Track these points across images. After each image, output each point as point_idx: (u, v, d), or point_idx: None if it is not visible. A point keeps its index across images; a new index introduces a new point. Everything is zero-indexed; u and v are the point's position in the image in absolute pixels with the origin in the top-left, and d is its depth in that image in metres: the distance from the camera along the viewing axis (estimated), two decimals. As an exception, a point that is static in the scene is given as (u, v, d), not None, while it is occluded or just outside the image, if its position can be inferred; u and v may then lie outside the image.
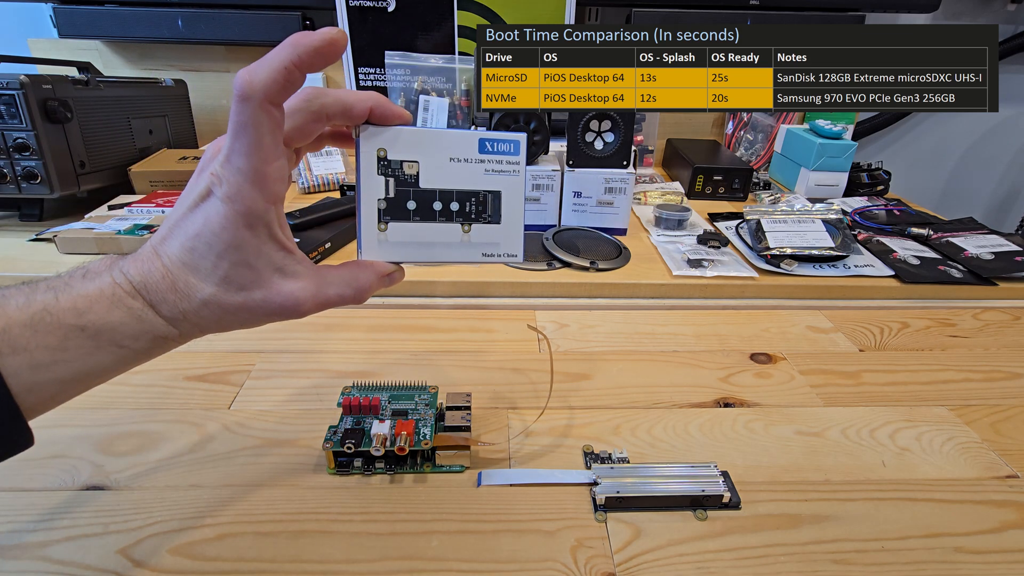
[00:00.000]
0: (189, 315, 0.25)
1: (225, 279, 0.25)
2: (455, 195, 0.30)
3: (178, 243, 0.24)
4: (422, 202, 0.29)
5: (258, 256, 0.25)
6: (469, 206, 0.30)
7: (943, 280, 0.61)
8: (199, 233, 0.24)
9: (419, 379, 0.40)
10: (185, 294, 0.24)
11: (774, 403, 0.43)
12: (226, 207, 0.24)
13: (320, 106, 0.26)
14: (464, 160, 0.30)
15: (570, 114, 0.65)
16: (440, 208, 0.30)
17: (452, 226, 0.30)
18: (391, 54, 0.86)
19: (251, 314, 0.26)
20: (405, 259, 0.30)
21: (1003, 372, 0.48)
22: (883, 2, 0.91)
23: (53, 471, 0.35)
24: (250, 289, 0.25)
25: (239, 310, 0.25)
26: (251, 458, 0.36)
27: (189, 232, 0.24)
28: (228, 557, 0.30)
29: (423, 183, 0.29)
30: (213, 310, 0.25)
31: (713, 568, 0.30)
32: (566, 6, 0.85)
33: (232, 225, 0.24)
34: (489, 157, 0.30)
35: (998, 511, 0.34)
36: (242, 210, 0.24)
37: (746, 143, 1.00)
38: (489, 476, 0.35)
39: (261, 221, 0.25)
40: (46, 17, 0.88)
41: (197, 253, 0.24)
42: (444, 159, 0.29)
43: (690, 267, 0.61)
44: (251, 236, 0.24)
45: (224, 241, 0.24)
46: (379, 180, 0.29)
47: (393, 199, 0.29)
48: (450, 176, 0.30)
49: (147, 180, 0.73)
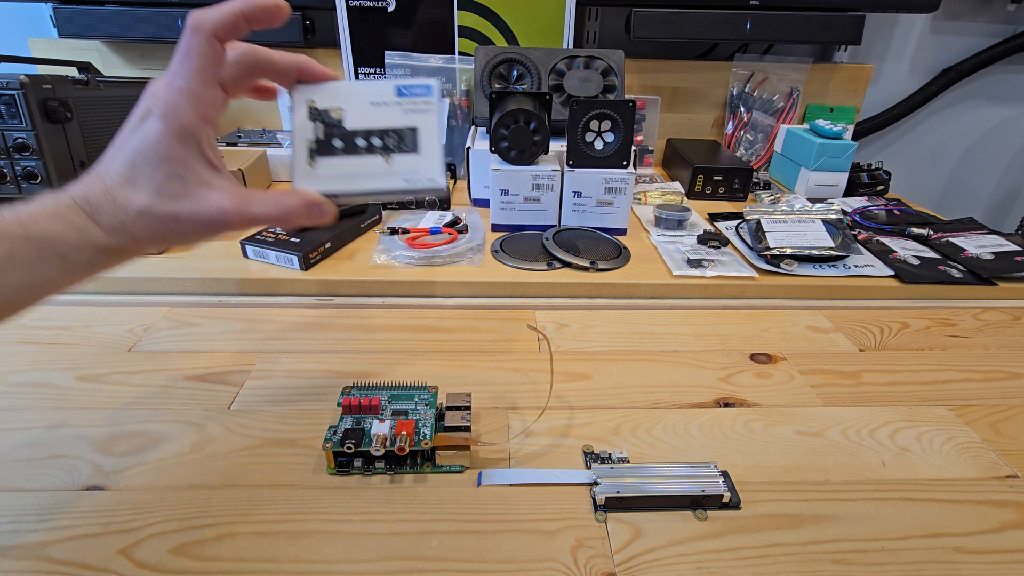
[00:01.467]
0: (127, 225, 0.28)
1: (159, 191, 0.28)
2: (377, 133, 0.34)
3: (118, 162, 0.28)
4: (347, 140, 0.34)
5: (188, 169, 0.28)
6: (390, 141, 0.34)
7: (943, 280, 0.61)
8: (137, 149, 0.28)
9: (419, 379, 0.40)
10: (123, 206, 0.27)
11: (774, 403, 0.43)
12: (162, 124, 0.27)
13: (254, 60, 0.31)
14: (384, 104, 0.34)
15: (570, 114, 0.65)
16: (364, 144, 0.34)
17: (375, 158, 0.34)
18: (391, 54, 0.86)
19: (182, 225, 0.28)
20: (335, 189, 0.33)
21: (1003, 372, 0.48)
22: (883, 2, 0.91)
23: (53, 471, 0.35)
24: (180, 199, 0.28)
25: (171, 220, 0.28)
26: (251, 458, 0.36)
27: (127, 150, 0.28)
28: (228, 557, 0.30)
29: (348, 125, 0.34)
30: (148, 220, 0.28)
31: (713, 568, 0.30)
32: (566, 6, 0.85)
33: (166, 139, 0.27)
34: (406, 100, 0.34)
35: (998, 511, 0.34)
36: (175, 126, 0.27)
37: (746, 143, 1.00)
38: (489, 476, 0.35)
39: (192, 137, 0.28)
40: (46, 17, 0.88)
41: (135, 168, 0.28)
42: (366, 104, 0.34)
43: (690, 267, 0.61)
44: (183, 150, 0.28)
45: (158, 154, 0.27)
46: (309, 125, 0.33)
47: (322, 140, 0.33)
48: (372, 118, 0.34)
49: (147, 180, 0.73)
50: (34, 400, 0.41)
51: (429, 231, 0.65)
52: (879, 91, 1.12)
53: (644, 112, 0.96)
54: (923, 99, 1.11)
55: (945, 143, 1.19)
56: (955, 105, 1.15)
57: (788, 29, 0.90)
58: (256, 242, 0.60)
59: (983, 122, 1.17)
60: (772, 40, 0.99)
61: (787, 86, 0.99)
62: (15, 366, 0.45)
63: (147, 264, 0.59)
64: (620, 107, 0.64)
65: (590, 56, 0.82)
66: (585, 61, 0.82)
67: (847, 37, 0.92)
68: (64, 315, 0.52)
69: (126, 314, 0.53)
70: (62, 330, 0.50)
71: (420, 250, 0.61)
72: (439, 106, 0.35)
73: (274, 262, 0.60)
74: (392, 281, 0.58)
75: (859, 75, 1.00)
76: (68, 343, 0.48)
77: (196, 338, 0.50)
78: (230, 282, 0.57)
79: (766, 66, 0.98)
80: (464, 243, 0.63)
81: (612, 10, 0.97)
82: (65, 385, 0.43)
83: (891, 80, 1.12)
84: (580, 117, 0.64)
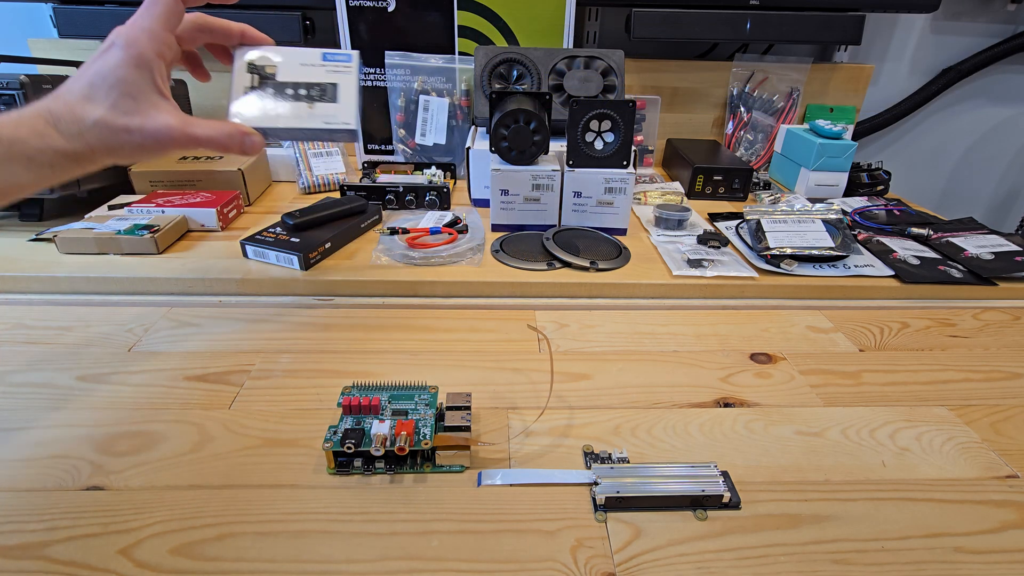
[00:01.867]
0: (84, 134, 0.33)
1: (113, 105, 0.33)
2: (303, 85, 0.43)
3: (78, 84, 0.34)
4: (279, 89, 0.43)
5: (140, 91, 0.34)
6: (313, 92, 0.43)
7: (943, 280, 0.61)
8: (97, 72, 0.34)
9: (419, 379, 0.40)
10: (80, 117, 0.33)
11: (774, 403, 0.43)
12: (123, 52, 0.34)
13: (205, 23, 0.40)
14: (311, 65, 0.43)
15: (570, 114, 0.65)
16: (292, 93, 0.43)
17: (301, 104, 0.43)
18: (391, 54, 0.86)
19: (132, 136, 0.34)
20: (265, 125, 0.41)
21: (1003, 372, 0.48)
22: (883, 2, 0.91)
23: (53, 471, 0.35)
24: (132, 115, 0.34)
25: (123, 131, 0.34)
26: (251, 458, 0.36)
27: (88, 74, 0.34)
28: (228, 557, 0.30)
29: (280, 78, 0.43)
30: (102, 129, 0.33)
31: (713, 568, 0.30)
32: (566, 6, 0.85)
33: (124, 64, 0.34)
34: (329, 63, 0.44)
35: (998, 511, 0.34)
36: (134, 54, 0.34)
37: (746, 143, 1.00)
38: (489, 476, 0.35)
39: (147, 66, 0.34)
40: (46, 17, 0.88)
41: (94, 87, 0.33)
42: (296, 64, 0.44)
43: (690, 267, 0.61)
44: (138, 75, 0.34)
45: (116, 76, 0.34)
46: (247, 75, 0.42)
47: (257, 87, 0.42)
48: (300, 74, 0.43)
49: (147, 180, 0.73)
50: (34, 400, 0.41)
51: (429, 231, 0.65)
52: (879, 91, 1.12)
53: (644, 112, 0.96)
54: (923, 99, 1.11)
55: (945, 143, 1.19)
56: (955, 105, 1.15)
57: (788, 29, 0.90)
58: (256, 242, 0.60)
59: (983, 122, 1.17)
60: (772, 40, 0.99)
61: (787, 86, 0.99)
62: (15, 366, 0.45)
63: (147, 264, 0.59)
64: (620, 107, 0.64)
65: (590, 56, 0.82)
66: (585, 61, 0.82)
67: (847, 37, 0.92)
68: (64, 315, 0.52)
69: (126, 314, 0.53)
70: (62, 330, 0.50)
71: (420, 250, 0.61)
72: (356, 70, 0.44)
73: (274, 262, 0.60)
74: (392, 281, 0.58)
75: (859, 75, 1.00)
76: (68, 343, 0.48)
77: (196, 338, 0.50)
78: (230, 282, 0.57)
79: (766, 66, 0.98)
80: (464, 243, 0.63)
81: (612, 10, 0.97)
82: (65, 385, 0.43)
83: (891, 80, 1.12)
84: (580, 117, 0.64)
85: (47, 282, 0.57)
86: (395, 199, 0.75)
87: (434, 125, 0.88)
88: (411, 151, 0.91)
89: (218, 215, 0.67)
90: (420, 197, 0.75)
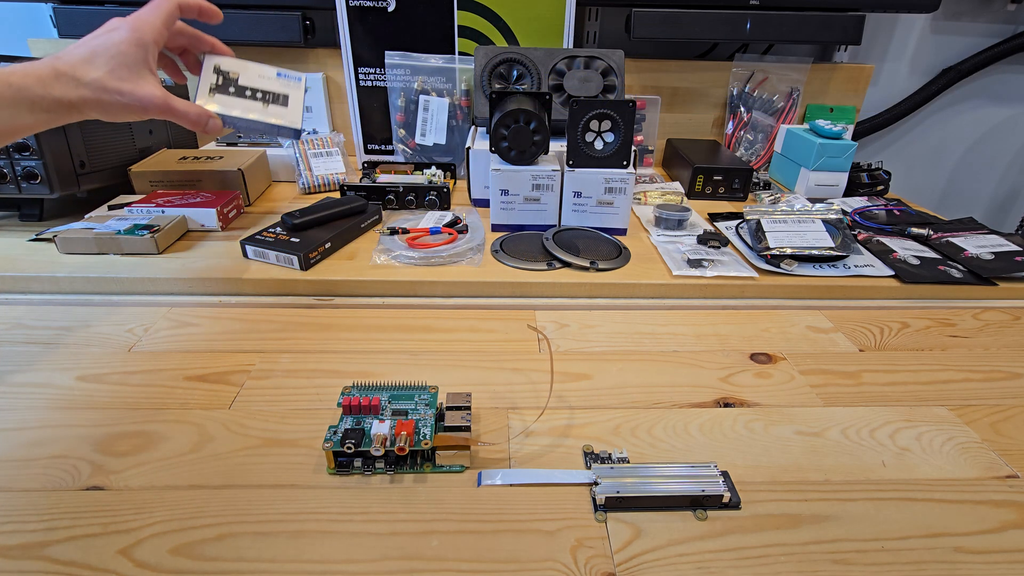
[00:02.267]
0: (80, 88, 0.40)
1: (110, 72, 0.41)
2: (260, 91, 0.53)
3: (81, 50, 0.41)
4: (239, 90, 0.52)
5: (135, 64, 0.42)
6: (268, 97, 0.53)
7: (943, 280, 0.61)
8: (100, 44, 0.42)
9: (419, 379, 0.40)
10: (79, 77, 0.40)
11: (774, 403, 0.43)
12: (128, 32, 0.42)
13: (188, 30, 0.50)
14: (267, 78, 0.53)
15: (570, 114, 0.65)
16: (250, 94, 0.52)
17: (256, 103, 0.52)
18: (391, 54, 0.86)
19: (123, 98, 0.42)
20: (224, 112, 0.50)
21: (1003, 372, 0.48)
22: (883, 2, 0.91)
23: (53, 471, 0.35)
24: (124, 81, 0.42)
25: (115, 92, 0.41)
26: (251, 458, 0.36)
27: (92, 44, 0.41)
28: (228, 557, 0.30)
29: (240, 83, 0.52)
30: (97, 88, 0.41)
31: (713, 568, 0.30)
32: (566, 6, 0.85)
33: (127, 42, 0.42)
34: (282, 79, 0.54)
35: (998, 511, 0.34)
36: (138, 36, 0.43)
37: (746, 143, 1.00)
38: (489, 476, 0.35)
39: (144, 48, 0.43)
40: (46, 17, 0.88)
41: (95, 55, 0.41)
42: (256, 75, 0.53)
43: (690, 267, 0.61)
44: (135, 52, 0.42)
45: (119, 49, 0.42)
46: (213, 76, 0.51)
47: (220, 85, 0.51)
48: (258, 83, 0.53)
49: (147, 180, 0.73)
50: (34, 400, 0.41)
51: (429, 231, 0.65)
52: (879, 91, 1.12)
53: (644, 112, 0.96)
54: (923, 99, 1.11)
55: (945, 143, 1.19)
56: (955, 105, 1.15)
57: (788, 29, 0.90)
58: (256, 242, 0.60)
59: (983, 122, 1.17)
60: (772, 40, 0.99)
61: (787, 86, 0.99)
62: (15, 366, 0.45)
63: (147, 264, 0.59)
64: (620, 107, 0.64)
65: (590, 56, 0.82)
66: (585, 61, 0.82)
67: (847, 37, 0.92)
68: (64, 315, 0.52)
69: (126, 314, 0.53)
70: (62, 330, 0.50)
71: (420, 250, 0.61)
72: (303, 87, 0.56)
73: (274, 262, 0.60)
74: (392, 281, 0.58)
75: (859, 75, 1.00)
76: (68, 343, 0.48)
77: (196, 338, 0.50)
78: (230, 282, 0.57)
79: (766, 66, 0.98)
80: (464, 243, 0.64)
81: (612, 10, 0.97)
82: (65, 385, 0.43)
83: (891, 80, 1.12)
84: (580, 117, 0.64)
85: (47, 282, 0.57)
86: (395, 199, 0.75)
87: (434, 125, 0.88)
88: (411, 151, 0.91)
89: (218, 215, 0.67)
90: (420, 197, 0.75)
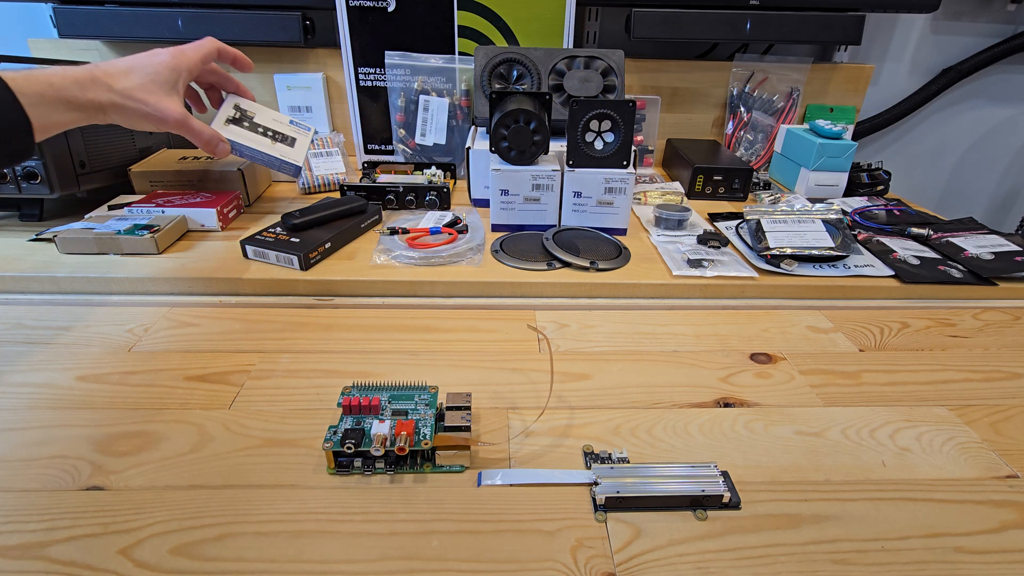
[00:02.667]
0: (111, 92, 0.48)
1: (140, 85, 0.50)
2: (271, 129, 0.64)
3: (123, 64, 0.50)
4: (252, 126, 0.62)
5: (163, 84, 0.51)
6: (277, 136, 0.64)
7: (943, 280, 0.61)
8: (143, 61, 0.51)
9: (419, 379, 0.40)
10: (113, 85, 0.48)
11: (774, 403, 0.43)
12: (167, 58, 0.52)
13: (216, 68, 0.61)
14: (280, 122, 0.65)
15: (570, 114, 0.65)
16: (262, 131, 0.63)
17: (265, 138, 0.63)
18: (391, 54, 0.86)
19: (147, 108, 0.50)
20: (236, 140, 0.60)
21: (1003, 372, 0.48)
22: (883, 2, 0.91)
23: (53, 471, 0.35)
24: (150, 94, 0.50)
25: (140, 103, 0.50)
26: (251, 458, 0.36)
27: (133, 60, 0.51)
28: (228, 557, 0.30)
29: (255, 120, 0.62)
30: (126, 97, 0.49)
31: (713, 568, 0.30)
32: (566, 6, 0.85)
33: (163, 64, 0.52)
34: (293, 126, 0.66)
35: (998, 511, 0.34)
36: (174, 62, 0.53)
37: (746, 143, 1.00)
38: (489, 476, 0.35)
39: (176, 72, 0.53)
40: (46, 17, 0.88)
41: (133, 70, 0.50)
42: (270, 118, 0.65)
43: (690, 267, 0.61)
44: (168, 74, 0.52)
45: (153, 68, 0.51)
46: (232, 110, 0.61)
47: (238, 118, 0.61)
48: (271, 124, 0.64)
49: (147, 180, 0.73)
50: (34, 400, 0.41)
51: (429, 231, 0.65)
52: (879, 91, 1.12)
53: (644, 112, 0.96)
54: (923, 99, 1.11)
55: (945, 143, 1.19)
56: (955, 105, 1.15)
57: (788, 29, 0.90)
58: (256, 242, 0.60)
59: (983, 122, 1.17)
60: (772, 40, 0.99)
61: (787, 86, 0.99)
62: (15, 366, 0.45)
63: (147, 264, 0.59)
64: (620, 107, 0.64)
65: (590, 56, 0.82)
66: (585, 61, 0.82)
67: (847, 37, 0.92)
68: (64, 315, 0.52)
69: (126, 314, 0.53)
70: (62, 330, 0.50)
71: (420, 250, 0.61)
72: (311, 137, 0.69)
73: (274, 262, 0.60)
74: (392, 281, 0.58)
75: (859, 75, 1.00)
76: (68, 343, 0.48)
77: (196, 338, 0.50)
78: (230, 282, 0.57)
79: (766, 66, 0.98)
80: (464, 243, 0.63)
81: (612, 10, 0.97)
82: (65, 385, 0.43)
83: (891, 80, 1.12)
84: (580, 117, 0.64)
85: (47, 282, 0.57)
86: (395, 199, 0.75)
87: (434, 125, 0.88)
88: (411, 151, 0.91)
89: (218, 215, 0.67)
90: (420, 197, 0.75)
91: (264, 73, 0.94)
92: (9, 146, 0.42)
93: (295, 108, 0.95)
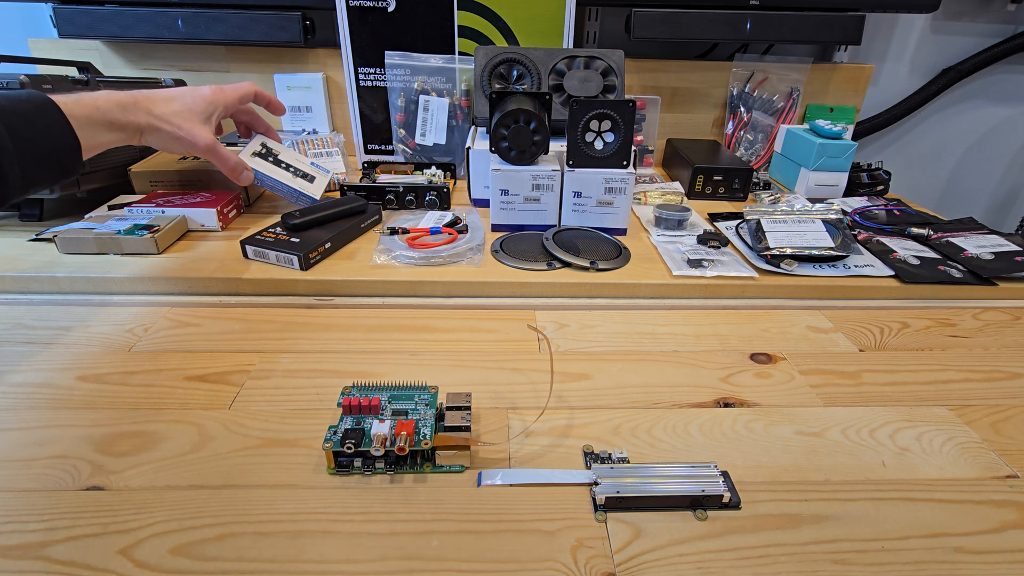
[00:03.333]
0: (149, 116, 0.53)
1: (177, 112, 0.55)
2: (293, 167, 0.70)
3: (167, 93, 0.55)
4: (276, 161, 0.69)
5: (199, 113, 0.57)
6: (298, 172, 0.70)
7: (943, 280, 0.61)
8: (185, 93, 0.57)
9: (419, 379, 0.40)
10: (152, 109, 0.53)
11: (774, 403, 0.43)
12: (208, 93, 0.58)
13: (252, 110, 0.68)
14: (302, 162, 0.71)
15: (570, 114, 0.65)
16: (284, 166, 0.69)
17: (288, 172, 0.69)
18: (391, 54, 0.86)
19: (180, 131, 0.55)
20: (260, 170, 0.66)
21: (1003, 372, 0.48)
22: (883, 2, 0.91)
23: (53, 471, 0.35)
24: (184, 121, 0.55)
25: (174, 127, 0.55)
26: (251, 458, 0.36)
27: (177, 92, 0.56)
28: (228, 557, 0.30)
29: (280, 157, 0.69)
30: (163, 120, 0.54)
31: (713, 568, 0.30)
32: (566, 6, 0.85)
33: (202, 97, 0.58)
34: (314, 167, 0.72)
35: (998, 511, 0.34)
36: (213, 97, 0.59)
37: (746, 143, 1.00)
38: (489, 476, 0.35)
39: (213, 106, 0.59)
40: (46, 17, 0.88)
41: (174, 99, 0.55)
42: (293, 157, 0.71)
43: (690, 267, 0.61)
44: (205, 106, 0.58)
45: (193, 99, 0.57)
46: (259, 145, 0.68)
47: (263, 153, 0.68)
48: (294, 162, 0.70)
49: (147, 180, 0.73)
50: (34, 400, 0.41)
51: (429, 231, 0.65)
52: (879, 91, 1.12)
53: (644, 112, 0.96)
54: (923, 99, 1.11)
55: (945, 143, 1.19)
56: (955, 105, 1.15)
57: (788, 29, 0.90)
58: (256, 242, 0.60)
59: (983, 122, 1.17)
60: (772, 40, 0.99)
61: (787, 86, 0.99)
62: (15, 366, 0.45)
63: (147, 264, 0.59)
64: (620, 107, 0.64)
65: (590, 56, 0.82)
66: (585, 61, 0.82)
67: (847, 37, 0.92)
68: (64, 315, 0.52)
69: (126, 314, 0.53)
70: (62, 330, 0.50)
71: (420, 250, 0.61)
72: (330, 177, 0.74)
73: (274, 262, 0.60)
74: (392, 281, 0.58)
75: (859, 75, 1.00)
76: (68, 343, 0.48)
77: (196, 338, 0.50)
78: (230, 282, 0.57)
79: (766, 66, 0.98)
80: (464, 243, 0.63)
81: (612, 10, 0.97)
82: (65, 385, 0.43)
83: (891, 80, 1.12)
84: (580, 117, 0.64)
85: (47, 282, 0.57)
86: (395, 199, 0.75)
87: (434, 125, 0.88)
88: (411, 151, 0.91)
89: (218, 215, 0.67)
90: (420, 197, 0.75)
91: (264, 73, 0.94)
92: (62, 165, 0.45)
93: (295, 108, 0.95)
